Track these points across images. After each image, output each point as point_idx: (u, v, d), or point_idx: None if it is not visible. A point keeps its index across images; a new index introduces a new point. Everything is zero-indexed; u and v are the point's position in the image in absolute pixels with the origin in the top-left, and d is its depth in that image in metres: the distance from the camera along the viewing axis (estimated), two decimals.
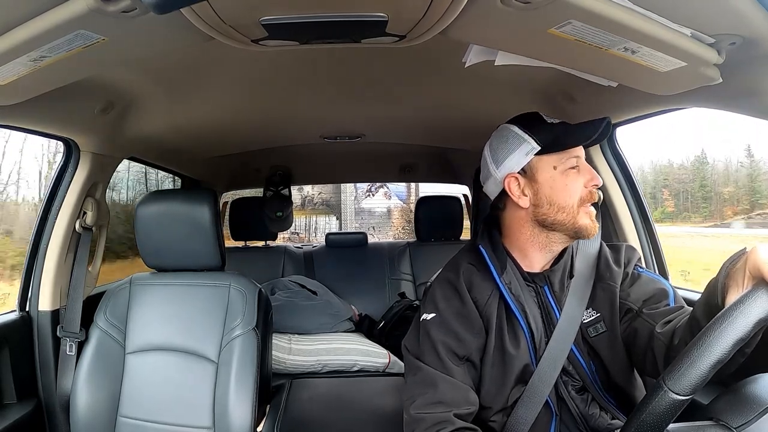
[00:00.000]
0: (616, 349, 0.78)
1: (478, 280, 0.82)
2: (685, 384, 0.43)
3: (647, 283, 0.81)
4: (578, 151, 0.79)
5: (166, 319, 1.15)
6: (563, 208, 0.78)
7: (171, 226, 1.17)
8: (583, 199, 0.78)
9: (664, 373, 0.45)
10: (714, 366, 0.43)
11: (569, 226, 0.78)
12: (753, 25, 0.59)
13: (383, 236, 8.16)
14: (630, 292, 0.80)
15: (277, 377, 1.61)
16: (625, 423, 0.48)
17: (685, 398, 0.43)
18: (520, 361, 0.77)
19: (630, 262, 0.84)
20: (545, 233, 0.81)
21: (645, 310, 0.77)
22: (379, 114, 1.46)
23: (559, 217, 0.78)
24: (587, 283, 0.81)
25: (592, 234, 0.79)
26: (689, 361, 0.43)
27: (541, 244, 0.82)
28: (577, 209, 0.78)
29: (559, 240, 0.81)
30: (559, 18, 0.59)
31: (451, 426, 0.71)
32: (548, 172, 0.79)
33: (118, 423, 1.09)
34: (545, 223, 0.80)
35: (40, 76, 0.71)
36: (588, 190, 0.79)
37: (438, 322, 0.80)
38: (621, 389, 0.79)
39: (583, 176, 0.79)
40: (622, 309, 0.79)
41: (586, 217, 0.78)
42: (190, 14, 0.58)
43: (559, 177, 0.79)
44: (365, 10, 0.59)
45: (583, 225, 0.78)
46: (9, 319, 1.17)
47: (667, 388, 0.44)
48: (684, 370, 0.43)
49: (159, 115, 1.25)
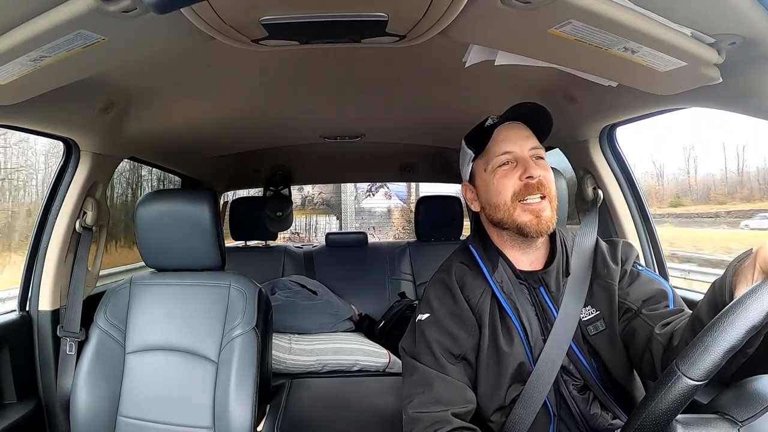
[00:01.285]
0: (617, 348, 0.78)
1: (470, 279, 0.83)
2: (700, 369, 0.43)
3: (647, 282, 0.80)
4: (510, 147, 0.80)
5: (166, 319, 1.15)
6: (497, 206, 0.80)
7: (171, 226, 1.17)
8: (516, 194, 0.78)
9: (678, 358, 0.45)
10: (728, 352, 0.43)
11: (510, 223, 0.79)
12: (753, 25, 0.59)
13: (383, 236, 8.16)
14: (629, 291, 0.79)
15: (277, 377, 1.61)
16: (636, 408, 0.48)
17: (699, 383, 0.43)
18: (514, 359, 0.77)
19: (628, 259, 0.83)
20: (505, 233, 0.82)
21: (644, 310, 0.76)
22: (379, 114, 1.46)
23: (497, 215, 0.80)
24: (584, 280, 0.81)
25: (535, 230, 0.77)
26: (703, 346, 0.44)
27: (512, 244, 0.83)
28: (511, 206, 0.78)
29: (514, 237, 0.81)
30: (559, 18, 0.59)
31: (449, 426, 0.71)
32: (480, 175, 0.84)
33: (118, 423, 1.09)
34: (494, 223, 0.83)
35: (40, 76, 0.71)
36: (522, 183, 0.78)
37: (432, 322, 0.80)
38: (622, 388, 0.79)
39: (517, 171, 0.79)
40: (621, 308, 0.79)
41: (526, 213, 0.77)
42: (190, 14, 0.58)
43: (489, 177, 0.81)
44: (365, 10, 0.59)
45: (522, 222, 0.77)
46: (9, 318, 1.17)
47: (680, 372, 0.44)
48: (698, 355, 0.44)
49: (159, 115, 1.25)
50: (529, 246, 0.83)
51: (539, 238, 0.80)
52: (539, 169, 0.78)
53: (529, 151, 0.80)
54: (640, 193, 1.27)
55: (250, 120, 1.44)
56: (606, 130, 1.22)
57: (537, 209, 0.77)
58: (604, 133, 1.24)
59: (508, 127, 0.82)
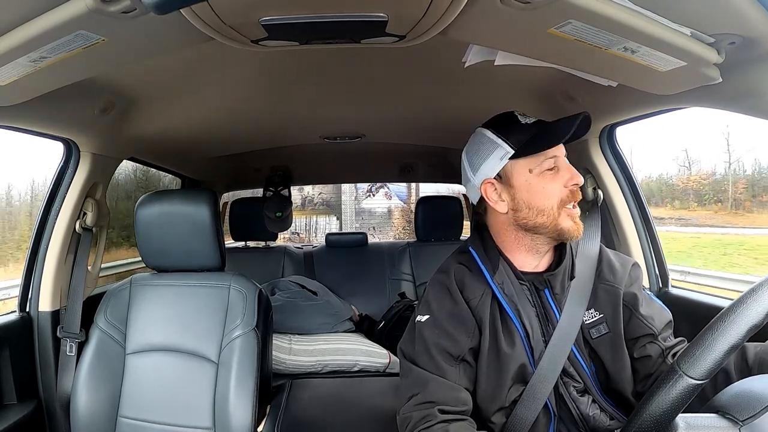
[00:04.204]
0: (618, 352, 0.78)
1: (470, 280, 0.82)
2: (701, 368, 0.43)
3: (661, 312, 0.82)
4: (555, 151, 0.78)
5: (167, 320, 1.15)
6: (542, 211, 0.77)
7: (171, 227, 1.17)
8: (563, 201, 0.77)
9: (678, 357, 0.46)
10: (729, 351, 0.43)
11: (551, 228, 0.77)
12: (753, 25, 0.59)
13: (383, 236, 8.16)
14: (653, 315, 0.80)
15: (278, 377, 1.61)
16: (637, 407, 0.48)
17: (700, 383, 0.44)
18: (515, 360, 0.77)
19: (638, 279, 0.84)
20: (529, 236, 0.80)
21: (660, 336, 0.78)
22: (379, 114, 1.46)
23: (539, 220, 0.77)
24: (588, 284, 0.81)
25: (575, 236, 0.77)
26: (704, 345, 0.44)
27: (527, 246, 0.81)
28: (557, 211, 0.77)
29: (543, 242, 0.80)
30: (558, 18, 0.59)
31: (435, 419, 0.71)
32: (524, 175, 0.78)
33: (118, 423, 1.09)
34: (526, 227, 0.79)
35: (40, 76, 0.71)
36: (568, 191, 0.77)
37: (431, 324, 0.80)
38: (620, 392, 0.79)
39: (562, 177, 0.77)
40: (641, 330, 0.79)
41: (568, 219, 0.77)
42: (189, 15, 0.58)
43: (536, 180, 0.77)
44: (365, 10, 0.59)
45: (565, 227, 0.77)
46: (9, 319, 1.18)
47: (681, 372, 0.44)
48: (699, 354, 0.44)
49: (159, 116, 1.25)
50: (544, 249, 0.82)
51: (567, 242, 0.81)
52: (580, 177, 0.78)
53: (564, 158, 0.80)
54: (640, 194, 1.27)
55: (250, 120, 1.44)
56: (606, 130, 1.22)
57: (575, 215, 0.78)
58: (604, 133, 1.24)
59: None
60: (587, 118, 0.76)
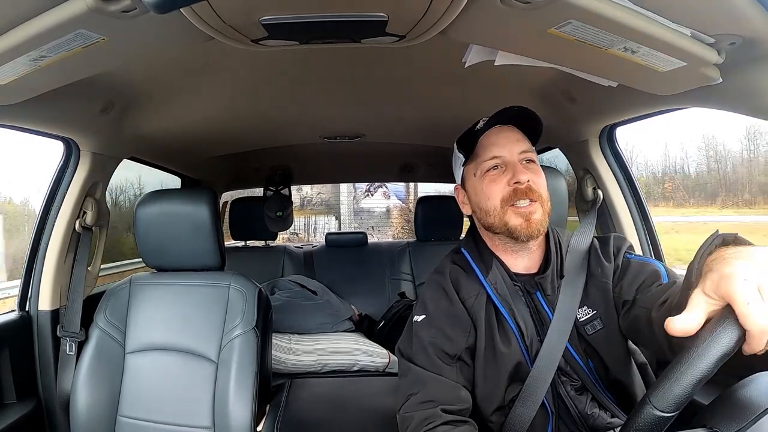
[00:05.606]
0: (615, 346, 0.78)
1: (465, 280, 0.83)
2: (669, 401, 0.43)
3: (637, 268, 0.79)
4: (498, 152, 0.80)
5: (166, 319, 1.15)
6: (487, 211, 0.80)
7: (171, 226, 1.17)
8: (506, 199, 0.78)
9: (649, 389, 0.46)
10: (697, 383, 0.43)
11: (501, 227, 0.79)
12: (753, 25, 0.59)
13: (383, 236, 8.15)
14: (622, 284, 0.78)
15: (277, 377, 1.61)
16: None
17: (669, 415, 0.43)
18: (512, 359, 0.78)
19: (620, 252, 0.83)
20: (497, 237, 0.82)
21: (639, 296, 0.75)
22: (378, 114, 1.46)
23: (489, 220, 0.80)
24: (578, 280, 0.81)
25: (525, 233, 0.77)
26: (673, 378, 0.44)
27: (504, 247, 0.83)
28: (501, 210, 0.78)
29: (510, 242, 0.81)
30: (558, 18, 0.59)
31: (439, 419, 0.71)
32: (471, 179, 0.84)
33: (117, 423, 1.09)
34: (486, 227, 0.83)
35: (40, 76, 0.71)
36: (511, 189, 0.78)
37: (428, 323, 0.81)
38: (621, 387, 0.79)
39: (506, 176, 0.79)
40: (618, 303, 0.78)
41: (516, 216, 0.77)
42: (190, 14, 0.58)
43: (478, 182, 0.82)
44: (365, 10, 0.59)
45: (512, 225, 0.77)
46: (9, 318, 1.18)
47: (651, 405, 0.44)
48: (668, 388, 0.44)
49: (159, 115, 1.25)
50: (522, 249, 0.82)
51: (530, 241, 0.80)
52: (528, 174, 0.78)
53: (519, 155, 0.80)
54: (639, 194, 1.27)
55: (249, 120, 1.44)
56: (606, 130, 1.22)
57: (526, 212, 0.77)
58: (604, 133, 1.24)
59: (498, 130, 0.82)
60: (524, 109, 0.79)
